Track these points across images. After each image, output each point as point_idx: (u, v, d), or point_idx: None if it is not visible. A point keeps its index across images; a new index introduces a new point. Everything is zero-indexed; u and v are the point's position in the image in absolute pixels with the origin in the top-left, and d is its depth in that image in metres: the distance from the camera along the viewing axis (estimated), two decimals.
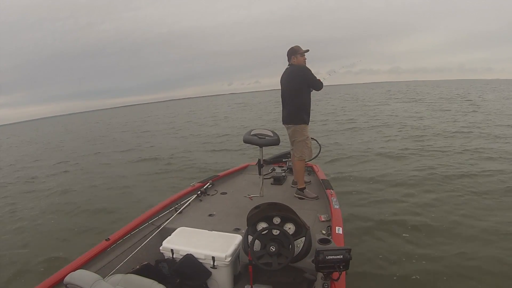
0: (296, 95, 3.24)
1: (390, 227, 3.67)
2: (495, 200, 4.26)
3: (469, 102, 18.69)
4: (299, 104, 3.24)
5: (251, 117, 19.66)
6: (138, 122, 25.77)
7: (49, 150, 14.49)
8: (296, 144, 3.31)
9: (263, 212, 1.92)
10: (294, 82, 3.24)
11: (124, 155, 10.42)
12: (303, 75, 3.21)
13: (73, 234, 4.32)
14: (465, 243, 3.23)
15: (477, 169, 5.59)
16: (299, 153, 3.29)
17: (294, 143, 3.33)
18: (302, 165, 3.31)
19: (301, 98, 3.24)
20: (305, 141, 3.27)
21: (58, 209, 5.56)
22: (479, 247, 3.14)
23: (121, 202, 5.48)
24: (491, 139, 8.06)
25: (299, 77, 3.22)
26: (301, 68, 3.23)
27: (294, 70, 3.26)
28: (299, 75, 3.22)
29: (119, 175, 7.61)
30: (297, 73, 3.23)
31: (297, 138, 3.29)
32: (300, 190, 3.28)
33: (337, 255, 1.54)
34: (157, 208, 2.80)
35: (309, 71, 3.22)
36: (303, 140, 3.27)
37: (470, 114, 13.05)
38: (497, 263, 2.87)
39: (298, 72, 3.23)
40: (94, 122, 35.67)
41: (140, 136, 15.54)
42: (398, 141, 8.54)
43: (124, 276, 1.64)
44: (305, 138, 3.27)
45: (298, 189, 3.29)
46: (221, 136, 12.39)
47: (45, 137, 24.06)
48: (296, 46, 3.27)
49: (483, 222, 3.64)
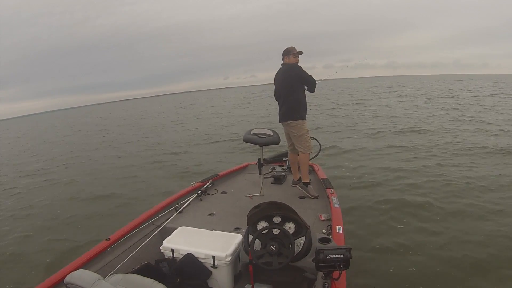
0: (291, 93, 3.29)
1: (390, 226, 3.69)
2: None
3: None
4: (294, 100, 3.29)
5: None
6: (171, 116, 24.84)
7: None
8: (298, 139, 3.34)
9: (263, 212, 1.92)
10: (287, 80, 3.30)
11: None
12: (296, 72, 3.26)
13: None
14: (466, 246, 3.23)
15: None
16: (303, 146, 3.32)
17: (295, 138, 3.36)
18: (307, 157, 3.35)
19: (296, 94, 3.29)
20: (305, 135, 3.32)
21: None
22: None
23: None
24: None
25: (292, 75, 3.27)
26: (293, 66, 3.29)
27: (286, 69, 3.33)
28: (292, 73, 3.27)
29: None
30: (290, 71, 3.29)
31: (297, 133, 3.32)
32: (304, 184, 3.30)
33: (337, 254, 1.54)
34: (157, 207, 2.81)
35: (301, 68, 3.27)
36: (304, 134, 3.32)
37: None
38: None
39: (290, 71, 3.29)
40: (97, 117, 35.63)
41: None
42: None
43: (125, 275, 1.64)
44: (306, 132, 3.33)
45: (302, 183, 3.32)
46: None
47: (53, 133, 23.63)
48: (291, 47, 3.34)
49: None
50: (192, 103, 40.48)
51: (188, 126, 15.81)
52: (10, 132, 30.87)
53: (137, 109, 40.27)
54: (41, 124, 40.09)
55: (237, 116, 17.95)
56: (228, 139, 10.35)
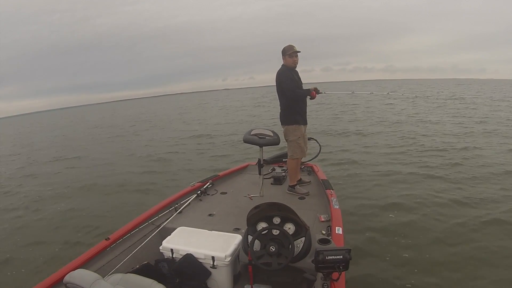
0: (282, 98, 3.35)
1: (390, 226, 3.69)
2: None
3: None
4: (286, 105, 3.32)
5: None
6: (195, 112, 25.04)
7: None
8: (288, 143, 3.40)
9: (263, 212, 1.92)
10: (277, 85, 3.34)
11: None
12: (280, 81, 3.29)
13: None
14: (466, 248, 3.23)
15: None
16: (291, 152, 3.38)
17: (287, 142, 3.41)
18: (293, 163, 3.39)
19: (287, 99, 3.30)
20: (296, 141, 3.33)
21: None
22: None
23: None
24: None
25: (278, 81, 3.32)
26: (279, 72, 3.32)
27: (277, 73, 3.34)
28: (278, 80, 3.31)
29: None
30: (277, 77, 3.34)
31: (289, 137, 3.36)
32: (291, 187, 3.38)
33: (337, 255, 1.54)
34: (157, 207, 2.80)
35: (283, 76, 3.26)
36: (294, 140, 3.33)
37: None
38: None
39: (277, 77, 3.33)
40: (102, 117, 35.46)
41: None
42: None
43: (124, 275, 1.64)
44: (297, 138, 3.33)
45: (289, 186, 3.40)
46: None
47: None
48: (288, 46, 3.28)
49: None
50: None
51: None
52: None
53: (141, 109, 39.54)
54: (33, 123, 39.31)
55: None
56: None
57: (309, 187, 3.45)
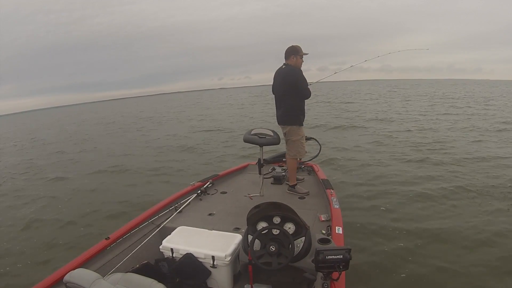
0: (290, 97, 3.21)
1: (390, 227, 3.68)
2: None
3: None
4: (292, 105, 3.23)
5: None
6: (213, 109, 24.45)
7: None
8: (291, 143, 3.34)
9: (263, 212, 1.92)
10: (287, 84, 3.19)
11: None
12: (297, 78, 3.15)
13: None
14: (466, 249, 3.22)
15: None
16: (294, 152, 3.33)
17: (289, 142, 3.36)
18: (294, 163, 3.38)
19: (295, 99, 3.22)
20: (300, 141, 3.31)
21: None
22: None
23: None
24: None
25: (292, 81, 3.16)
26: (295, 71, 3.17)
27: (288, 71, 3.19)
28: (292, 78, 3.16)
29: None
30: (291, 76, 3.17)
31: (292, 137, 3.32)
32: (291, 187, 3.36)
33: (337, 255, 1.54)
34: (157, 207, 2.80)
35: (302, 76, 3.16)
36: (298, 140, 3.30)
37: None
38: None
39: (291, 76, 3.16)
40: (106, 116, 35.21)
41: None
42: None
43: (124, 275, 1.64)
44: (300, 138, 3.31)
45: (289, 186, 3.38)
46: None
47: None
48: (298, 46, 3.21)
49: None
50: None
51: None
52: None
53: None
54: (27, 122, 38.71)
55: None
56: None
57: (309, 187, 3.44)
